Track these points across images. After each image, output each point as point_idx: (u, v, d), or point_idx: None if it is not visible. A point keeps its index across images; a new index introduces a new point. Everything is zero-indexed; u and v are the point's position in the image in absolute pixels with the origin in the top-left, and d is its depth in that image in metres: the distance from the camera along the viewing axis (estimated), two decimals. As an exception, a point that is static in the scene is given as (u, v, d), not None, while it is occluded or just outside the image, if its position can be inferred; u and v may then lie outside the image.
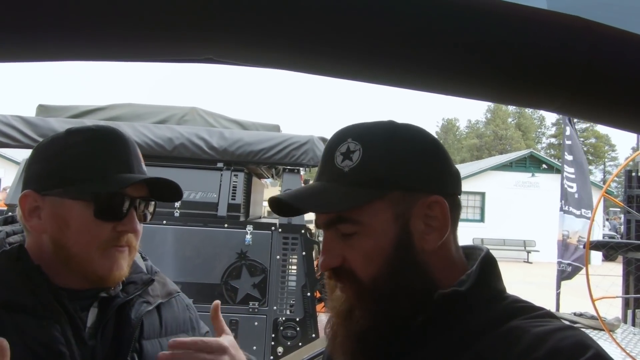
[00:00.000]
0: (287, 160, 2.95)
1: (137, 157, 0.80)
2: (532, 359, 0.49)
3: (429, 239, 0.59)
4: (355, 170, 0.59)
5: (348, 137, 0.61)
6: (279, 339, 2.73)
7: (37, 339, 0.69)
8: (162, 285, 0.90)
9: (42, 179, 0.76)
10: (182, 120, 3.21)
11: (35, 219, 0.76)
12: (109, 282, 0.77)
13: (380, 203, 0.58)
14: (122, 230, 0.76)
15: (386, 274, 0.58)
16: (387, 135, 0.61)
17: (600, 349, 0.50)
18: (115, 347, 0.77)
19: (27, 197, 0.76)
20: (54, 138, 0.79)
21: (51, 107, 3.19)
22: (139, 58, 0.66)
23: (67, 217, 0.74)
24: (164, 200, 0.83)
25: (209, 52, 0.61)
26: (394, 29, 0.58)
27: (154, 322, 0.84)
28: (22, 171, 2.97)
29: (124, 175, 0.76)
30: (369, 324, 0.58)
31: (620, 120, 0.76)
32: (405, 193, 0.59)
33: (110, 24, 0.56)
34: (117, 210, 0.76)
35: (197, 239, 2.82)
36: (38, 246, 0.77)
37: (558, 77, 0.65)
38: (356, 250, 0.59)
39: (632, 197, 5.24)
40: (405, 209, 0.59)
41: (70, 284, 0.77)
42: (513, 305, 0.59)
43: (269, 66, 0.68)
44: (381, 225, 0.58)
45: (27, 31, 0.56)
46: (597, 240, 4.47)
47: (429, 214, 0.59)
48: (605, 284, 4.26)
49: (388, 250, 0.58)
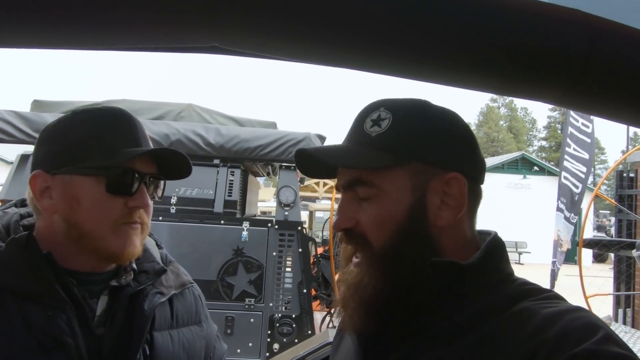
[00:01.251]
0: (284, 157, 2.95)
1: (144, 134, 0.80)
2: (541, 340, 0.49)
3: (443, 215, 0.60)
4: (382, 137, 0.60)
5: (381, 107, 0.63)
6: (275, 336, 2.74)
7: (43, 328, 0.69)
8: (176, 276, 0.89)
9: (51, 158, 0.76)
10: (179, 117, 3.21)
11: (46, 199, 0.75)
12: (122, 259, 0.77)
13: (400, 171, 0.60)
14: (133, 205, 0.76)
15: (396, 241, 0.59)
16: (418, 110, 0.63)
17: (610, 330, 0.50)
18: (126, 338, 0.77)
19: (37, 178, 0.75)
20: (60, 119, 0.79)
21: (46, 102, 3.17)
22: (142, 45, 0.64)
23: (78, 194, 0.74)
24: (173, 177, 0.83)
25: (214, 40, 0.61)
26: (395, 19, 0.59)
27: (166, 314, 0.83)
28: (15, 168, 2.95)
29: (132, 149, 0.76)
30: (376, 289, 0.59)
31: (618, 113, 0.78)
32: (425, 166, 0.60)
33: (112, 9, 0.55)
34: (127, 185, 0.75)
35: (194, 235, 2.82)
36: (49, 228, 0.76)
37: (557, 69, 0.66)
38: (370, 214, 0.60)
39: (624, 196, 5.32)
40: (423, 181, 0.60)
41: (82, 267, 0.76)
42: (522, 287, 0.59)
43: (275, 56, 0.68)
44: (398, 192, 0.60)
45: (25, 16, 0.54)
46: (589, 238, 4.53)
47: (446, 190, 0.60)
48: (597, 283, 4.32)
49: (400, 219, 0.59)
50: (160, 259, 0.88)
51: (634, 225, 5.27)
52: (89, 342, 0.72)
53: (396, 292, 0.59)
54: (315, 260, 4.25)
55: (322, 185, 10.38)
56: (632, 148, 6.16)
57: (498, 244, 0.63)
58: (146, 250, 0.85)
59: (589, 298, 3.07)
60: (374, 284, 0.59)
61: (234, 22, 0.56)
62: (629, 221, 5.31)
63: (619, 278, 5.17)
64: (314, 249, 4.29)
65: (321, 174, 0.71)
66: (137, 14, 0.55)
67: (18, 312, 0.69)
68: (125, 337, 0.76)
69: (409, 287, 0.59)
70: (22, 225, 0.80)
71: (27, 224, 0.81)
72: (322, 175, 0.71)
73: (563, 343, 0.48)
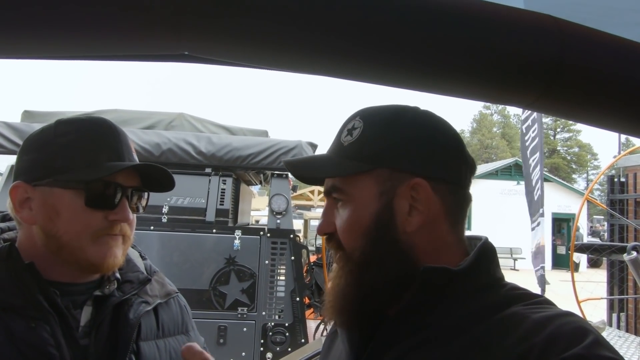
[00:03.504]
0: (276, 165, 2.96)
1: (127, 146, 0.79)
2: (531, 344, 0.49)
3: (411, 220, 0.60)
4: (352, 145, 0.63)
5: (357, 116, 0.65)
6: (268, 345, 2.72)
7: (26, 340, 0.68)
8: (161, 286, 0.88)
9: (32, 169, 0.75)
10: (170, 126, 3.21)
11: (26, 210, 0.75)
12: (102, 269, 0.76)
13: (366, 177, 0.61)
14: (114, 219, 0.75)
15: (364, 245, 0.60)
16: (389, 117, 0.63)
17: (599, 335, 0.50)
18: (111, 348, 0.75)
19: (17, 189, 0.75)
20: (43, 129, 0.79)
21: (36, 112, 3.17)
22: (108, 53, 0.63)
23: (57, 207, 0.73)
24: (156, 190, 0.82)
25: (183, 48, 0.60)
26: (371, 26, 0.59)
27: (152, 323, 0.82)
28: (5, 179, 2.93)
29: (114, 163, 0.75)
30: (348, 291, 0.60)
31: (592, 117, 0.79)
32: (392, 172, 0.61)
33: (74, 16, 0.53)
34: (108, 199, 0.75)
35: (185, 244, 2.81)
36: (30, 239, 0.76)
37: (530, 74, 0.67)
38: (342, 219, 0.62)
39: (615, 201, 5.37)
40: (390, 187, 0.61)
41: (64, 277, 0.76)
42: (512, 292, 0.59)
43: (248, 64, 0.67)
44: (364, 198, 0.61)
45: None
46: (581, 243, 4.55)
47: (414, 196, 0.60)
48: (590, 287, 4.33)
49: (367, 224, 0.60)
50: (145, 270, 0.87)
51: (626, 230, 5.31)
52: (74, 353, 0.71)
53: (366, 295, 0.60)
54: (308, 268, 4.24)
55: (316, 193, 10.39)
56: (623, 153, 6.22)
57: (488, 249, 0.63)
58: (129, 260, 0.84)
59: (581, 302, 3.09)
60: (347, 285, 0.61)
61: (202, 30, 0.56)
62: (621, 225, 5.35)
63: (612, 282, 5.19)
64: (307, 256, 4.28)
65: (311, 181, 0.73)
66: (100, 20, 0.54)
67: (0, 324, 0.68)
68: (110, 347, 0.75)
69: (380, 291, 0.60)
70: (2, 239, 0.79)
71: (8, 237, 0.80)
72: (314, 182, 0.73)
73: (552, 347, 0.49)
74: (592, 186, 5.33)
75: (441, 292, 0.58)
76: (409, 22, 0.60)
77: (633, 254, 3.04)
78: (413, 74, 0.64)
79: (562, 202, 17.76)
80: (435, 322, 0.57)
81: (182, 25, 0.55)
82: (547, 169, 26.66)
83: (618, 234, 5.26)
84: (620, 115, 0.74)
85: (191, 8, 0.53)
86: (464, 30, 0.63)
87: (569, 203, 17.77)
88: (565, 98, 0.71)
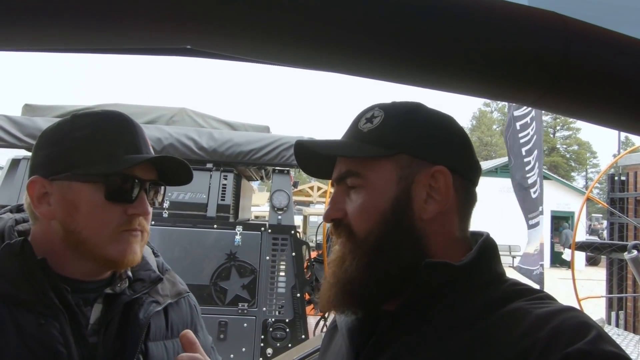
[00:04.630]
0: (277, 161, 2.96)
1: (144, 140, 0.78)
2: (535, 339, 0.49)
3: (428, 208, 0.61)
4: (372, 132, 0.64)
5: (376, 107, 0.66)
6: (269, 340, 2.73)
7: (35, 336, 0.67)
8: (172, 285, 0.87)
9: (50, 164, 0.74)
10: (171, 121, 3.21)
11: (44, 205, 0.74)
12: (122, 266, 0.76)
13: (386, 162, 0.62)
14: (133, 213, 0.74)
15: (379, 230, 0.60)
16: (409, 109, 0.66)
17: (602, 330, 0.50)
18: (119, 347, 0.75)
19: (35, 184, 0.74)
20: (59, 123, 0.78)
21: (37, 106, 3.17)
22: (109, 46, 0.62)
23: (76, 201, 0.73)
24: (173, 184, 0.82)
25: (186, 41, 0.59)
26: (376, 22, 0.59)
27: (161, 324, 0.82)
28: (6, 173, 2.93)
29: (133, 156, 0.75)
30: (360, 276, 0.60)
31: (596, 115, 0.79)
32: (413, 159, 0.62)
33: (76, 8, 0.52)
34: (127, 192, 0.74)
35: (186, 239, 2.81)
36: (46, 234, 0.75)
37: (534, 71, 0.67)
38: (357, 204, 0.62)
39: (615, 199, 5.37)
40: (409, 173, 0.62)
41: (77, 274, 0.75)
42: (514, 287, 0.60)
43: (251, 58, 0.67)
44: (383, 183, 0.61)
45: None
46: (581, 241, 4.55)
47: (432, 184, 0.61)
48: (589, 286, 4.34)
49: (385, 209, 0.61)
50: (157, 267, 0.86)
51: (626, 228, 5.32)
52: (82, 351, 0.71)
53: (378, 281, 0.60)
54: (309, 264, 4.25)
55: (316, 189, 10.40)
56: (624, 151, 6.22)
57: (490, 245, 0.64)
58: (142, 257, 0.83)
59: (581, 300, 3.10)
60: (356, 271, 0.60)
61: (205, 23, 0.55)
62: (621, 224, 5.36)
63: (611, 281, 5.21)
64: (307, 253, 4.29)
65: (317, 170, 0.73)
66: (103, 13, 0.53)
67: (10, 320, 0.68)
68: (119, 346, 0.75)
69: (389, 277, 0.60)
70: (17, 230, 0.78)
71: (22, 229, 0.79)
72: (318, 172, 0.73)
73: (556, 342, 0.48)
74: (593, 185, 5.33)
75: (443, 288, 0.58)
76: (414, 18, 0.60)
77: (634, 252, 3.04)
78: (418, 70, 0.64)
79: (561, 200, 17.78)
80: (437, 317, 0.57)
81: (185, 18, 0.54)
82: (547, 167, 26.65)
83: (618, 233, 5.27)
84: (625, 113, 0.74)
85: (194, 0, 0.53)
86: (468, 26, 0.63)
87: (568, 201, 17.80)
88: (570, 96, 0.71)
